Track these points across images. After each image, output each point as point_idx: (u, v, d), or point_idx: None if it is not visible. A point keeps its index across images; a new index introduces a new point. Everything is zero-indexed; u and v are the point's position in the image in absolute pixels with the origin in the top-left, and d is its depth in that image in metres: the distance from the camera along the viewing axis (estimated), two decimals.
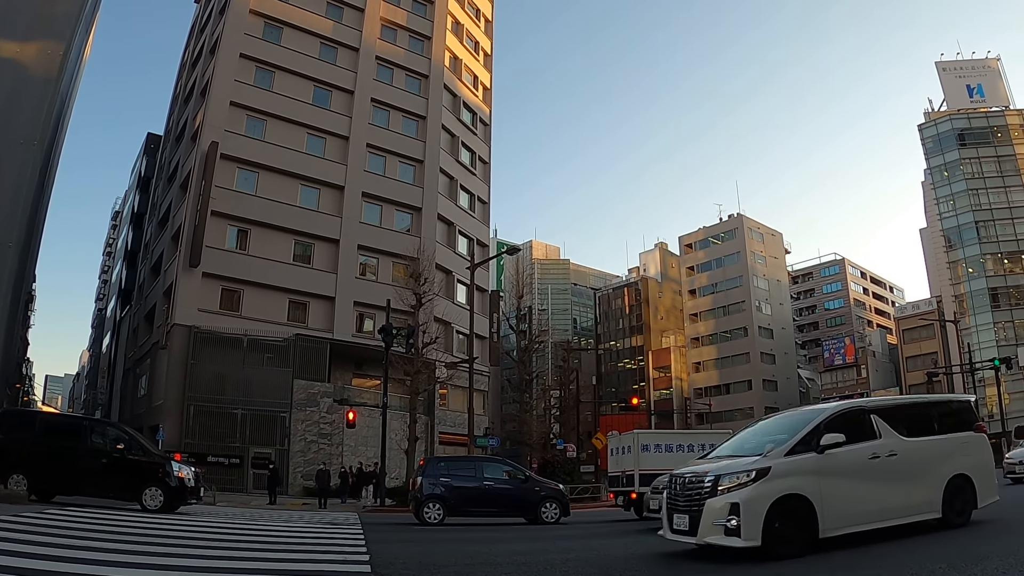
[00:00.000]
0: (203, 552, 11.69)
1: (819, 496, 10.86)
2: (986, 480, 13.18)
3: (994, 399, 69.42)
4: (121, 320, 71.57)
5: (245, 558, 11.44)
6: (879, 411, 12.66)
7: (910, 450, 12.24)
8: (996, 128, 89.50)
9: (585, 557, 12.82)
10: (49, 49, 35.11)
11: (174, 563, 10.14)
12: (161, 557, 10.66)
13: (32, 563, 9.15)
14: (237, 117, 51.75)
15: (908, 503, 11.94)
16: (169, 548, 11.64)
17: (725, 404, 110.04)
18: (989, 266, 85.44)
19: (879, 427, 12.22)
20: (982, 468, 13.24)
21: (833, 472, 11.26)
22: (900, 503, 11.81)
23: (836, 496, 11.07)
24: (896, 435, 12.25)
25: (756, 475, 10.90)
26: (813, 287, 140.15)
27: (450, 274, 59.29)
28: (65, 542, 11.37)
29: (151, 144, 75.90)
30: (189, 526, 16.62)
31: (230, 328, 47.38)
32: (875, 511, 11.47)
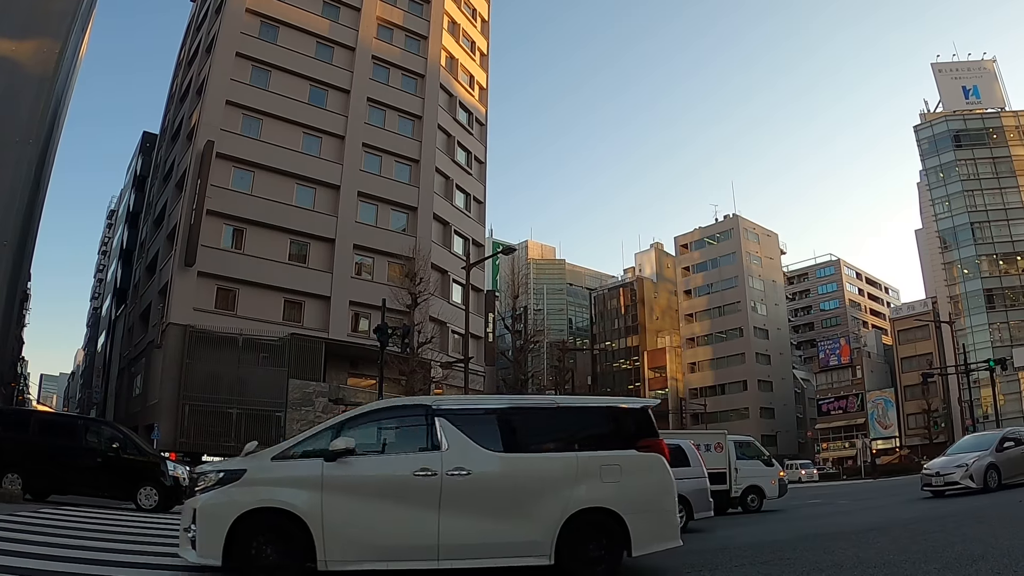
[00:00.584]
0: None
1: (319, 515, 8.84)
2: (650, 520, 9.95)
3: (989, 400, 69.59)
4: (116, 319, 71.48)
5: None
6: (450, 414, 9.87)
7: (495, 470, 9.60)
8: (992, 130, 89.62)
9: None
10: (45, 47, 35.12)
11: (168, 562, 10.13)
12: (156, 556, 10.66)
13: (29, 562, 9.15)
14: (233, 116, 51.68)
15: (487, 541, 9.28)
16: (164, 548, 11.63)
17: (720, 405, 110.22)
18: (984, 267, 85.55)
19: (445, 434, 9.58)
20: (644, 503, 9.95)
21: (347, 487, 9.12)
22: (471, 539, 9.26)
23: (346, 518, 8.98)
24: (477, 447, 9.58)
25: (225, 476, 9.20)
26: (808, 288, 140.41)
27: (446, 274, 59.28)
28: (61, 541, 11.38)
29: (147, 143, 75.76)
30: None
31: (225, 327, 47.30)
32: (413, 546, 9.09)
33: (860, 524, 16.63)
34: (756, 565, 10.54)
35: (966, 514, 16.70)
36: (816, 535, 14.85)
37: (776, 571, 9.86)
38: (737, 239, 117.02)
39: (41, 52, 34.85)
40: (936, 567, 8.96)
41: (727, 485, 26.32)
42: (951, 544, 11.19)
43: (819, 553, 11.41)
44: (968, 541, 11.44)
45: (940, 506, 19.45)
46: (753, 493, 26.80)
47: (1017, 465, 23.93)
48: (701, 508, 18.89)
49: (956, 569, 8.78)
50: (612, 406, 11.17)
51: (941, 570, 8.75)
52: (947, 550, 10.49)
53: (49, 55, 35.13)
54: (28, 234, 42.39)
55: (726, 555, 12.02)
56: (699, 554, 12.22)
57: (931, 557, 9.85)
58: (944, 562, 9.34)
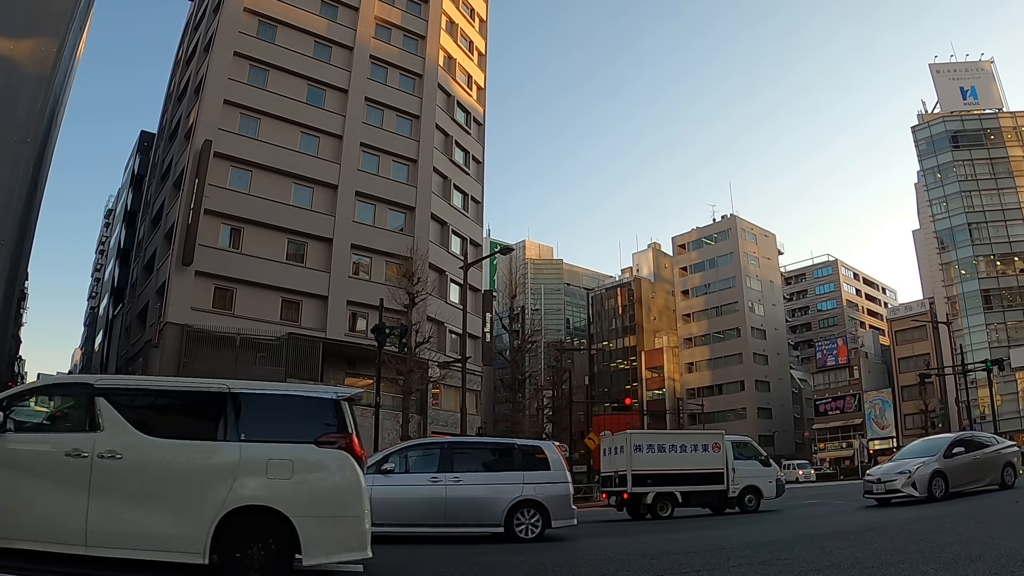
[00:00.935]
0: None
1: None
2: (328, 526, 9.05)
3: (986, 401, 69.63)
4: (113, 318, 71.41)
5: None
6: (111, 394, 9.15)
7: (150, 456, 8.85)
8: (989, 130, 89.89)
9: (577, 557, 12.86)
10: (43, 46, 35.03)
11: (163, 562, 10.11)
12: None
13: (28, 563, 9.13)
14: (231, 115, 51.65)
15: (138, 531, 8.58)
16: None
17: (718, 405, 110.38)
18: (982, 268, 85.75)
19: (103, 416, 8.89)
20: (321, 506, 9.05)
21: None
22: (121, 527, 8.58)
23: None
24: (134, 431, 8.89)
25: None
26: (806, 288, 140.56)
27: (443, 273, 59.28)
28: None
29: (144, 142, 75.72)
30: None
31: (223, 327, 47.28)
32: (59, 528, 8.50)
33: (857, 524, 16.66)
34: (753, 565, 10.55)
35: (963, 514, 16.72)
36: (813, 535, 14.87)
37: (773, 571, 9.86)
38: (735, 239, 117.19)
39: (39, 51, 34.78)
40: (934, 567, 8.97)
41: (724, 485, 26.41)
42: (948, 544, 11.20)
43: (816, 553, 11.42)
44: (965, 541, 11.45)
45: (941, 507, 19.43)
46: (750, 493, 26.87)
47: (967, 473, 22.33)
48: (561, 516, 17.20)
49: (954, 569, 8.79)
50: (295, 395, 10.15)
51: (939, 570, 8.75)
52: (944, 550, 10.50)
53: (47, 54, 35.05)
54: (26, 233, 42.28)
55: (723, 555, 12.03)
56: (697, 554, 12.24)
57: (928, 557, 9.85)
58: (942, 562, 9.35)
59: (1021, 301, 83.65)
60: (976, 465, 22.89)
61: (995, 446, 24.47)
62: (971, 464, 22.67)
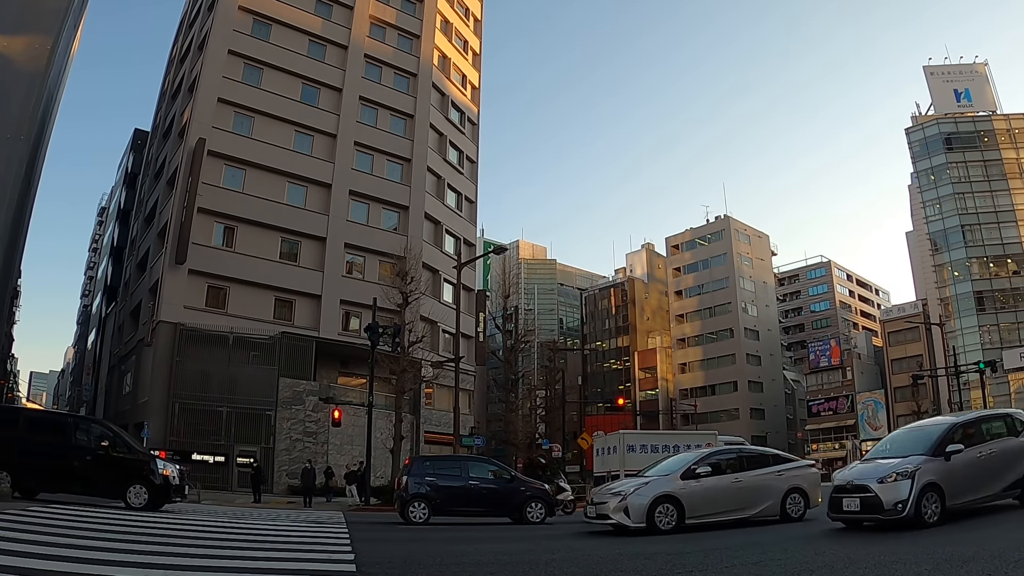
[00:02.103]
0: (187, 550, 11.64)
1: None
2: None
3: (979, 402, 69.72)
4: (106, 317, 71.33)
5: (229, 556, 11.40)
6: None
7: None
8: (983, 132, 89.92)
9: (570, 556, 12.83)
10: (37, 43, 34.94)
11: (158, 561, 10.09)
12: (145, 555, 10.61)
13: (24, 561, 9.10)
14: (225, 114, 51.62)
15: None
16: (153, 546, 11.59)
17: (711, 405, 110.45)
18: (975, 269, 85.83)
19: None
20: None
21: None
22: None
23: None
24: None
25: None
26: (799, 289, 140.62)
27: (437, 273, 59.29)
28: (53, 540, 11.32)
29: (138, 140, 75.71)
30: (174, 524, 16.55)
31: (216, 325, 47.27)
32: None
33: None
34: (747, 566, 10.54)
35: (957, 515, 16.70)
36: (806, 535, 14.85)
37: (767, 571, 9.85)
38: (728, 240, 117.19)
39: (33, 48, 34.69)
40: (927, 567, 8.97)
41: None
42: (941, 545, 11.20)
43: (809, 553, 11.42)
44: (958, 543, 11.44)
45: None
46: None
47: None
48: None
49: (946, 570, 8.79)
50: None
51: (932, 571, 8.75)
52: (937, 551, 10.50)
53: (41, 52, 34.97)
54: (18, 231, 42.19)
55: (716, 555, 12.01)
56: (689, 555, 12.22)
57: (922, 557, 9.86)
58: (935, 562, 9.35)
59: (1014, 303, 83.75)
60: None
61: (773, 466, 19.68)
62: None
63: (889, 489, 14.36)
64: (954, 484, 14.73)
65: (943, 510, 14.40)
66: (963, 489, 15.01)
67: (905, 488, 14.20)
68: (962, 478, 14.95)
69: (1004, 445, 16.02)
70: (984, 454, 15.61)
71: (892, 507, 14.14)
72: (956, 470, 14.85)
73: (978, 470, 15.40)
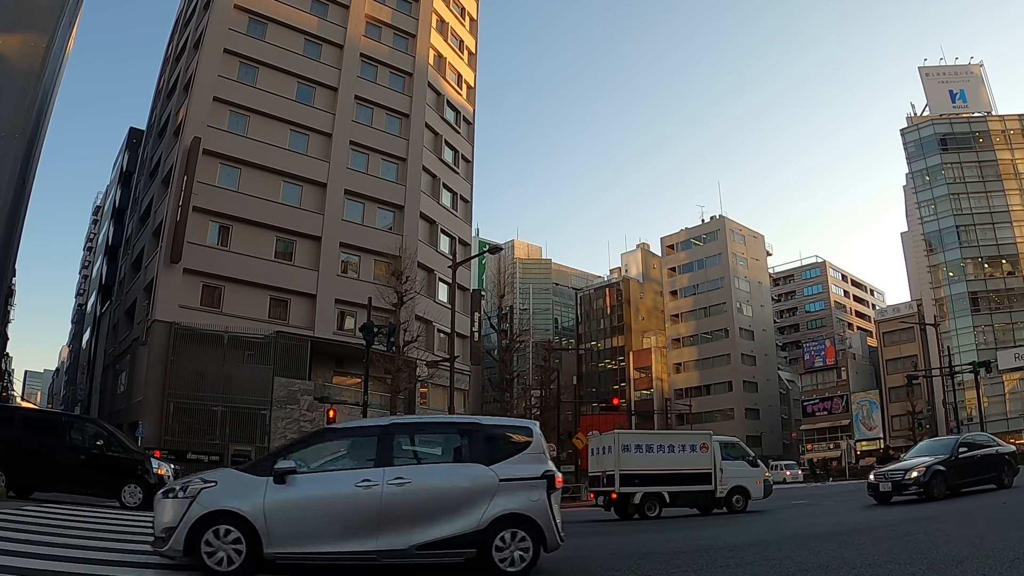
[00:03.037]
0: None
1: None
2: None
3: (973, 402, 69.85)
4: (101, 316, 71.20)
5: None
6: None
7: None
8: (978, 134, 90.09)
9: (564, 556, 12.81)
10: (32, 41, 34.92)
11: (153, 561, 10.09)
12: (141, 555, 10.61)
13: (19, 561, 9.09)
14: (220, 113, 51.50)
15: None
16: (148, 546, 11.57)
17: (706, 405, 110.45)
18: (969, 270, 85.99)
19: None
20: None
21: None
22: None
23: None
24: None
25: None
26: (794, 289, 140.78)
27: (432, 272, 59.23)
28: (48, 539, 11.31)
29: (133, 139, 75.54)
30: None
31: (211, 325, 47.15)
32: None
33: (846, 525, 16.66)
34: (742, 566, 10.55)
35: (951, 515, 16.75)
36: (801, 535, 14.88)
37: (761, 571, 9.86)
38: (723, 240, 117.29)
39: (28, 46, 34.66)
40: (922, 568, 8.98)
41: (712, 486, 26.39)
42: (936, 545, 11.22)
43: (804, 553, 11.43)
44: (953, 542, 11.46)
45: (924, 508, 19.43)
46: (738, 494, 26.83)
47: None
48: None
49: (941, 570, 8.80)
50: None
51: (926, 571, 8.76)
52: (932, 551, 10.51)
53: (36, 50, 34.94)
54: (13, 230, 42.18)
55: (711, 555, 12.02)
56: (684, 555, 12.23)
57: (916, 558, 9.86)
58: (929, 562, 9.36)
59: (1008, 303, 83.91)
60: None
61: None
62: None
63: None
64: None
65: None
66: None
67: None
68: None
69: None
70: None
71: None
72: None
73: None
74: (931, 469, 21.80)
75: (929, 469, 21.80)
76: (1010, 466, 24.09)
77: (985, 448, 24.13)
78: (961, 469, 22.54)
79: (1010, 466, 24.09)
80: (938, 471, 21.80)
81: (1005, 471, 23.77)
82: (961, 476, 22.56)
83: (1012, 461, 24.43)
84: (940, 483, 21.69)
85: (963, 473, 22.65)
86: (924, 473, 21.70)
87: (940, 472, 21.81)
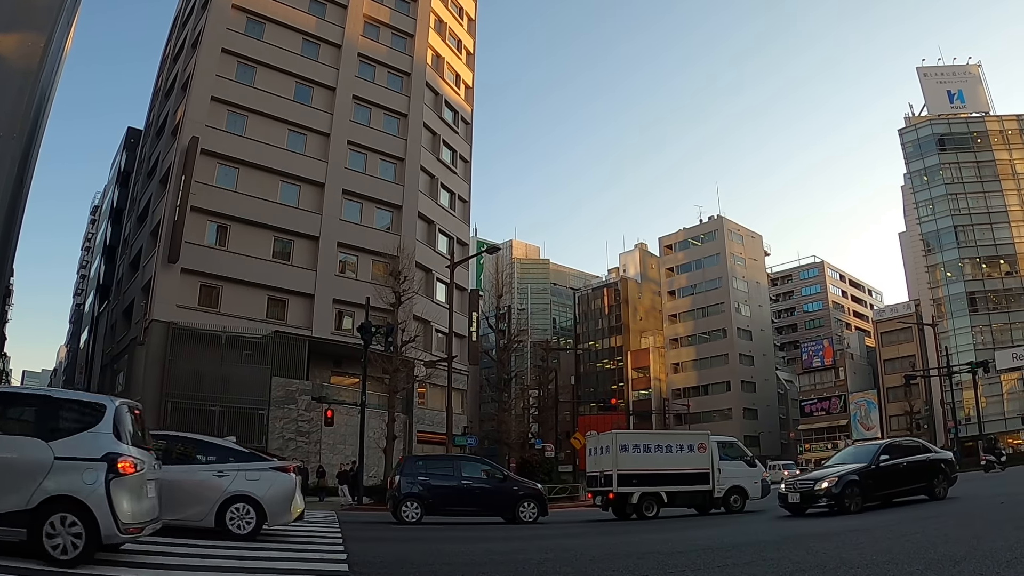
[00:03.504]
0: (178, 550, 11.62)
1: None
2: None
3: (971, 403, 69.95)
4: (99, 316, 71.15)
5: (222, 556, 11.38)
6: None
7: None
8: (976, 134, 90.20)
9: (562, 556, 12.83)
10: (29, 41, 34.85)
11: (147, 560, 10.07)
12: (137, 555, 10.59)
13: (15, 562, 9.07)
14: (218, 112, 51.49)
15: None
16: (144, 545, 11.55)
17: (704, 405, 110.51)
18: (967, 270, 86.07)
19: None
20: None
21: None
22: None
23: None
24: None
25: None
26: (792, 289, 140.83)
27: (430, 272, 59.22)
28: None
29: (131, 138, 75.50)
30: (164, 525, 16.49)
31: (208, 324, 47.13)
32: None
33: (842, 525, 16.63)
34: (739, 566, 10.55)
35: (948, 515, 16.74)
36: (798, 535, 14.87)
37: (759, 571, 9.86)
38: (721, 240, 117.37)
39: (25, 46, 34.59)
40: (919, 567, 8.97)
41: (710, 486, 26.38)
42: (933, 545, 11.21)
43: (802, 553, 11.43)
44: (951, 542, 11.46)
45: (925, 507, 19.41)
46: (736, 494, 26.83)
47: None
48: None
49: (938, 570, 8.79)
50: None
51: (924, 571, 8.75)
52: (929, 551, 10.51)
53: (33, 49, 34.86)
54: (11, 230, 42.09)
55: (709, 555, 12.02)
56: (682, 555, 12.23)
57: (914, 558, 9.86)
58: (927, 562, 9.35)
59: (1006, 303, 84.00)
60: None
61: None
62: None
63: None
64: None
65: None
66: None
67: None
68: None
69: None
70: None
71: None
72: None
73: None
74: (844, 479, 20.18)
75: (842, 479, 20.19)
76: (944, 475, 22.42)
77: (913, 455, 22.42)
78: (882, 479, 20.93)
79: (944, 475, 22.42)
80: (852, 481, 20.21)
81: (938, 480, 22.12)
82: (883, 486, 21.03)
83: (947, 470, 22.67)
84: (854, 495, 20.06)
85: (885, 483, 21.05)
86: (836, 484, 20.12)
87: (854, 483, 20.21)
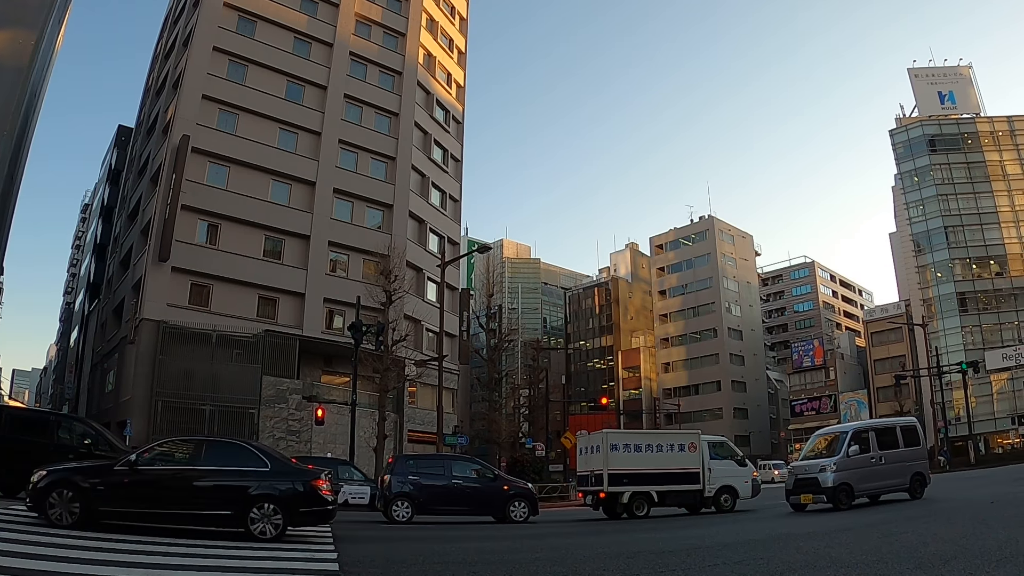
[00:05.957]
0: (171, 549, 11.61)
1: None
2: None
3: (961, 403, 70.14)
4: (89, 314, 70.97)
5: (212, 555, 11.37)
6: None
7: None
8: (967, 135, 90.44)
9: (553, 556, 12.84)
10: (20, 38, 34.79)
11: (141, 560, 10.06)
12: (131, 555, 10.58)
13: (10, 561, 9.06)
14: (209, 111, 51.36)
15: None
16: (135, 544, 11.54)
17: (694, 405, 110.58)
18: (957, 271, 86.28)
19: None
20: None
21: None
22: None
23: None
24: None
25: None
26: (783, 289, 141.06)
27: (420, 272, 59.17)
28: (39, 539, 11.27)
29: (122, 136, 75.32)
30: None
31: (199, 323, 47.03)
32: None
33: (833, 524, 16.68)
34: (729, 565, 10.56)
35: (939, 515, 16.80)
36: (789, 535, 14.92)
37: (749, 571, 9.88)
38: (712, 240, 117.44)
39: (16, 43, 34.52)
40: (908, 567, 9.00)
41: (700, 485, 26.44)
42: (923, 544, 11.25)
43: (792, 552, 11.46)
44: (940, 541, 11.50)
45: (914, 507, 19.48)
46: (726, 493, 26.91)
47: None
48: None
49: (928, 569, 8.82)
50: None
51: (913, 570, 8.79)
52: (919, 550, 10.55)
53: (24, 46, 34.80)
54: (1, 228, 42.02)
55: (699, 554, 12.04)
56: (673, 554, 12.24)
57: (903, 557, 9.89)
58: (916, 562, 9.39)
59: (996, 304, 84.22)
60: None
61: None
62: None
63: None
64: None
65: None
66: None
67: None
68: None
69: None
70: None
71: None
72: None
73: None
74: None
75: None
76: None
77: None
78: None
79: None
80: None
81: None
82: None
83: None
84: None
85: None
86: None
87: None
